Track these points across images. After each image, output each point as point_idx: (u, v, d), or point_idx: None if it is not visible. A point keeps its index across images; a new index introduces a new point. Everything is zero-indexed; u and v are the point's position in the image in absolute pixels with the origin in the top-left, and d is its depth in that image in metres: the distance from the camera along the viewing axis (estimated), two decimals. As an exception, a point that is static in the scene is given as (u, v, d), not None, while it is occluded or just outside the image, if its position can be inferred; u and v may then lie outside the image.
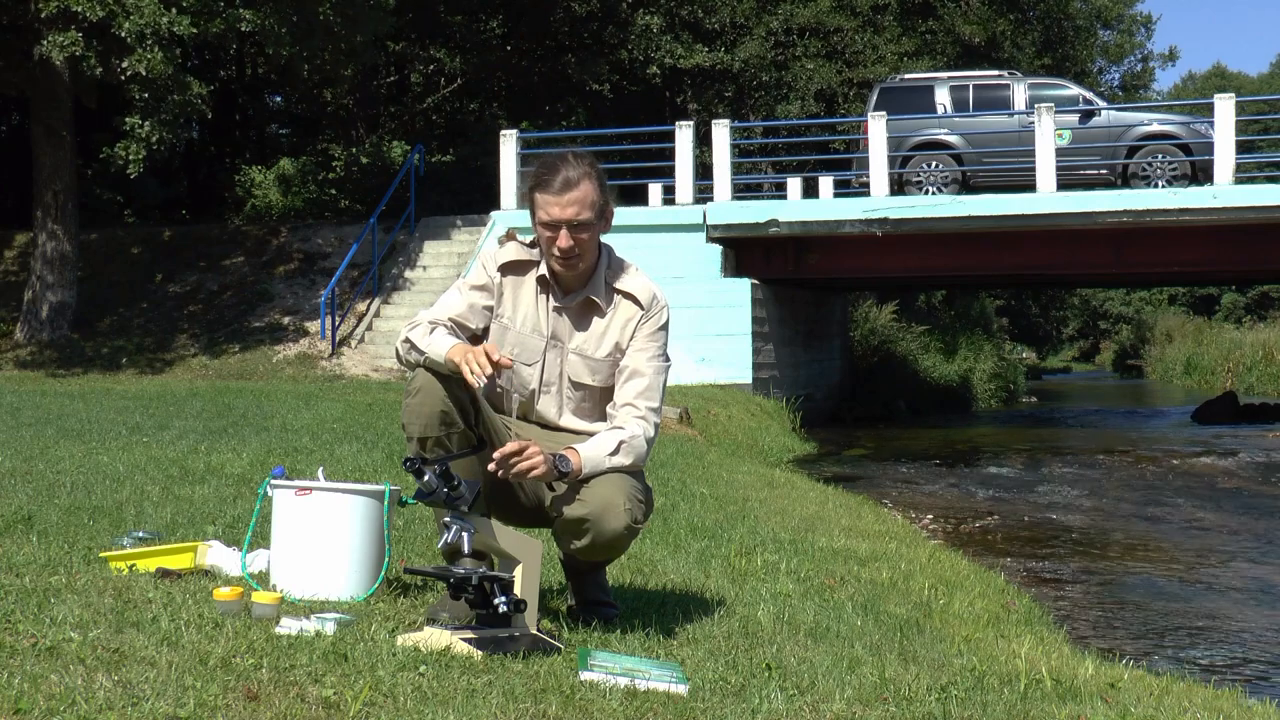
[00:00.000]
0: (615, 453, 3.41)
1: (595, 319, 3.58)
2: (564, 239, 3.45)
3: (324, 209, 24.86)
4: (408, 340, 3.50)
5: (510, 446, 3.26)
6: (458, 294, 3.60)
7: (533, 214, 3.51)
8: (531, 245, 3.61)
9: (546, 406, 3.61)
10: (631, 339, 3.56)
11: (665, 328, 3.61)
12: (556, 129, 26.66)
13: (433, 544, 4.55)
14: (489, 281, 3.59)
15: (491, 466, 3.28)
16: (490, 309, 3.59)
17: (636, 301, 3.57)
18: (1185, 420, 22.07)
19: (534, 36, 27.68)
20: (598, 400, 3.59)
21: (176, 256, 21.94)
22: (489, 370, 3.31)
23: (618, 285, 3.59)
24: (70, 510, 4.99)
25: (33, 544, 4.14)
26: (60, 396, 13.75)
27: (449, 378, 3.39)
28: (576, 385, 3.59)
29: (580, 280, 3.57)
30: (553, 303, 3.58)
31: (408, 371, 3.54)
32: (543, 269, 3.58)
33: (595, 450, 3.40)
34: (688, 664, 3.26)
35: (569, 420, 3.61)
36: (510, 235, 3.65)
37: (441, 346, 3.41)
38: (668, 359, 3.63)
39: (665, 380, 3.61)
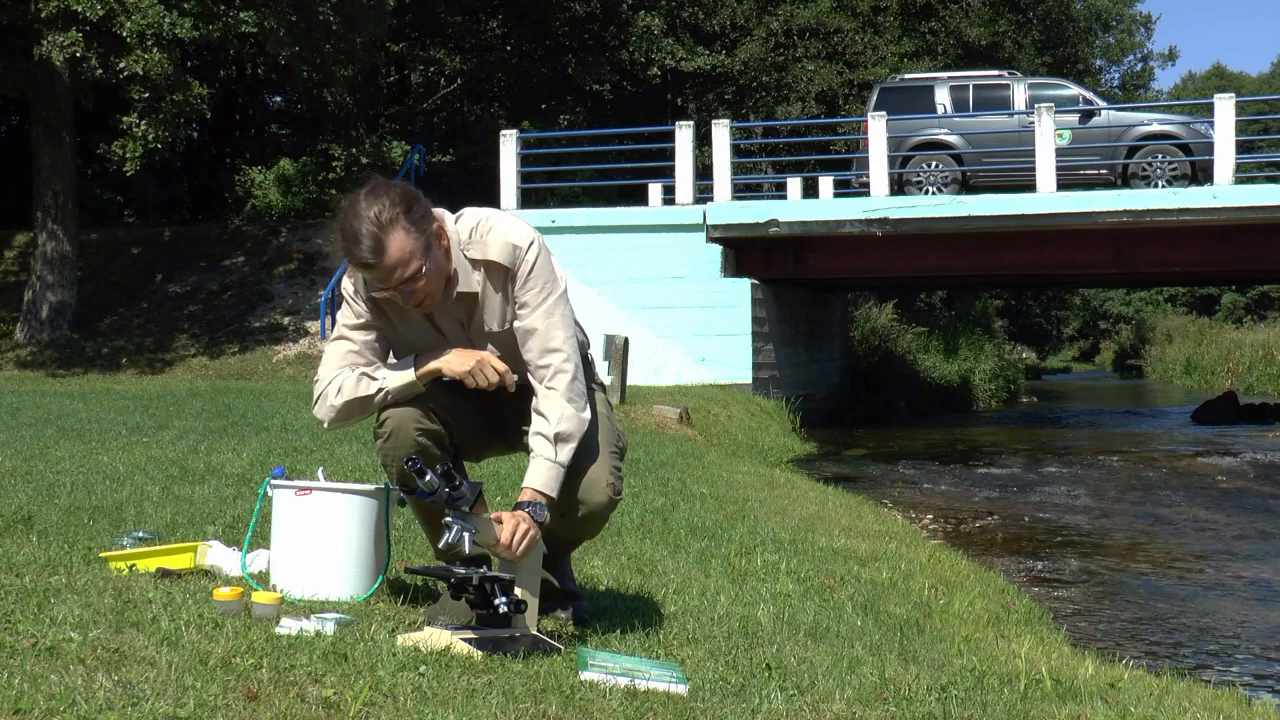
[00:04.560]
0: (558, 453, 3.31)
1: (476, 302, 3.42)
2: (407, 297, 3.28)
3: (324, 209, 24.85)
4: (348, 404, 3.37)
5: (505, 535, 3.20)
6: (344, 340, 3.43)
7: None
8: None
9: (482, 387, 3.47)
10: (514, 297, 3.40)
11: (539, 263, 3.38)
12: (556, 129, 26.66)
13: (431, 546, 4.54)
14: (366, 319, 3.42)
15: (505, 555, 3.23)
16: (379, 342, 3.44)
17: (499, 267, 3.38)
18: (1185, 420, 22.07)
19: (534, 36, 27.68)
20: (521, 363, 3.44)
21: (176, 256, 21.94)
22: (495, 381, 3.31)
23: (474, 256, 3.38)
24: (70, 510, 4.99)
25: (33, 544, 4.14)
26: (60, 396, 13.75)
27: (418, 416, 3.34)
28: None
29: (440, 293, 3.39)
30: (434, 311, 3.42)
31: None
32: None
33: (544, 469, 3.30)
34: (688, 664, 3.26)
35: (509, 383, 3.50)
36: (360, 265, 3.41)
37: (403, 374, 3.34)
38: (556, 285, 3.41)
39: (564, 308, 3.41)
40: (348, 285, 3.46)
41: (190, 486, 5.98)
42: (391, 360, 3.45)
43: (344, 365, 3.41)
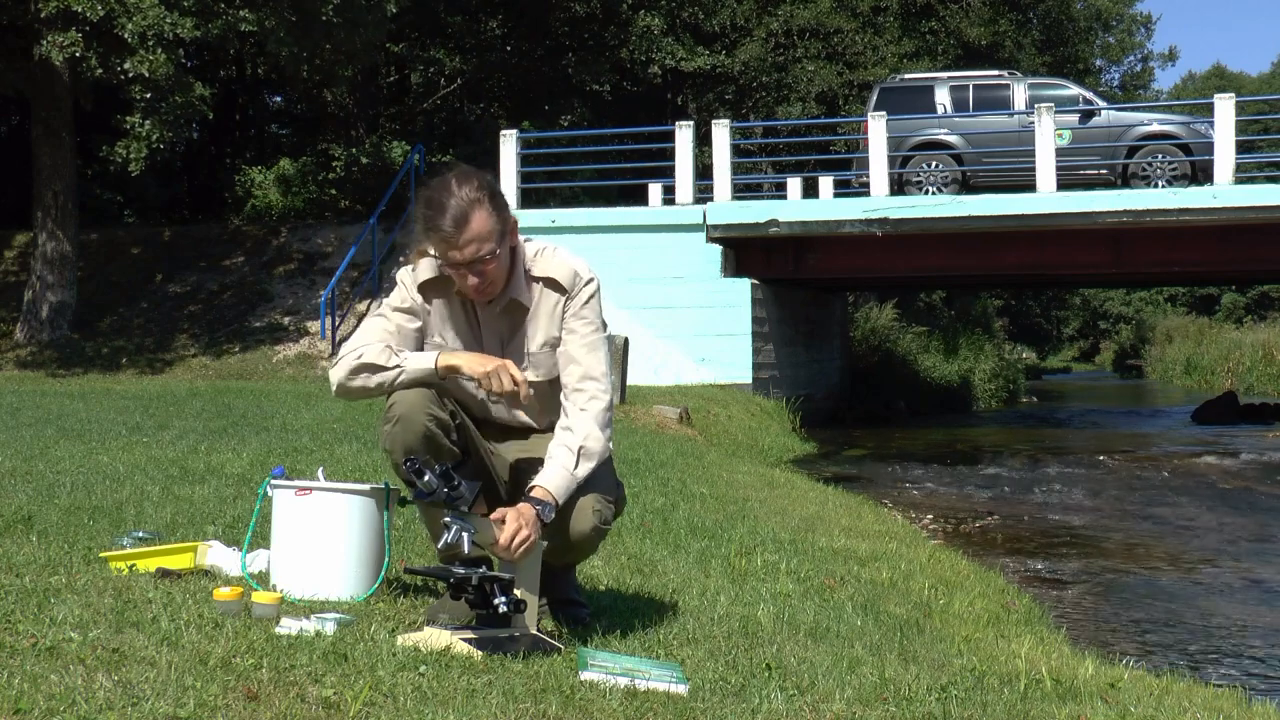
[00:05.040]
0: (577, 465, 3.35)
1: (524, 315, 3.49)
2: (470, 279, 3.35)
3: (324, 209, 24.87)
4: (363, 366, 3.40)
5: (504, 537, 3.20)
6: (383, 319, 3.49)
7: (434, 248, 3.40)
8: None
9: (500, 414, 3.57)
10: (563, 324, 3.48)
11: (593, 300, 3.49)
12: (556, 129, 26.67)
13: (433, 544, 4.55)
14: (413, 304, 3.49)
15: (503, 555, 3.24)
16: (418, 332, 3.49)
17: (558, 285, 3.46)
18: (1185, 420, 22.07)
19: (534, 36, 27.68)
20: (547, 393, 3.51)
21: (176, 256, 21.94)
22: (511, 389, 3.31)
23: (536, 273, 3.47)
24: (70, 510, 4.99)
25: (33, 544, 4.14)
26: (60, 396, 13.75)
27: (429, 401, 3.35)
28: None
29: (497, 291, 3.46)
30: (480, 314, 3.49)
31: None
32: None
33: (560, 475, 3.33)
34: (688, 664, 3.26)
35: (526, 420, 3.57)
36: (421, 252, 3.49)
37: (424, 361, 3.38)
38: (602, 329, 3.51)
39: (605, 350, 3.51)
40: (405, 272, 3.52)
41: (190, 486, 5.98)
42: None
43: (375, 339, 3.45)
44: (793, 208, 18.93)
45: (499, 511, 3.25)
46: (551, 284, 3.46)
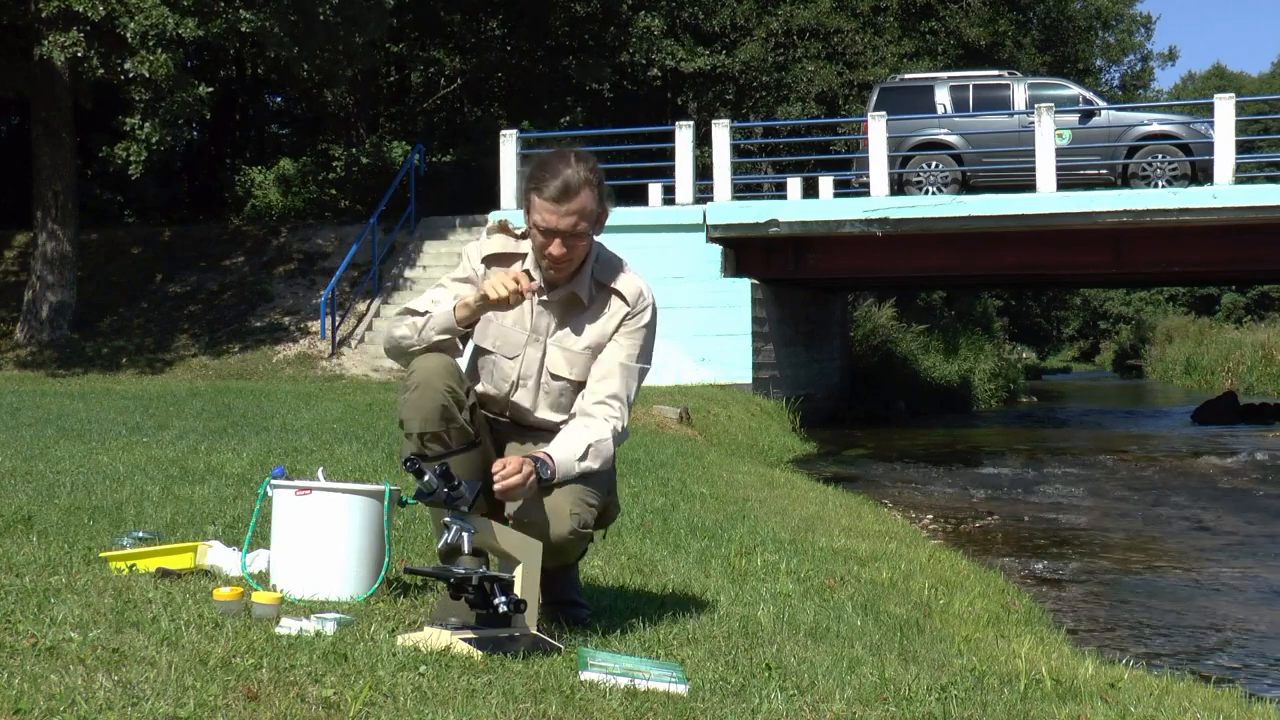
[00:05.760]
0: (584, 457, 3.37)
1: (578, 312, 3.54)
2: (557, 247, 3.41)
3: (324, 209, 24.87)
4: (406, 310, 3.50)
5: (499, 464, 3.23)
6: (442, 288, 3.58)
7: (527, 212, 3.46)
8: (521, 236, 3.58)
9: (522, 399, 3.57)
10: (613, 335, 3.53)
11: (649, 327, 3.56)
12: (556, 129, 26.67)
13: (433, 544, 4.55)
14: (473, 274, 3.56)
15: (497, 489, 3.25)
16: None
17: (622, 298, 3.54)
18: (1185, 420, 22.07)
19: (534, 36, 27.69)
20: (574, 395, 3.55)
21: (176, 256, 21.95)
22: (512, 288, 3.34)
23: (605, 281, 3.54)
24: (70, 510, 4.99)
25: (33, 544, 4.14)
26: (60, 396, 13.75)
27: (448, 372, 3.37)
28: (554, 377, 3.55)
29: (566, 275, 3.53)
30: (537, 296, 3.54)
31: (400, 356, 3.53)
32: (528, 263, 3.54)
33: (567, 454, 3.35)
34: (688, 664, 3.26)
35: (544, 415, 3.57)
36: (501, 226, 3.61)
37: (448, 305, 3.44)
38: (647, 360, 3.58)
39: (640, 380, 3.57)
40: (472, 246, 3.62)
41: (190, 486, 5.98)
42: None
43: (425, 297, 3.56)
44: (793, 208, 18.93)
45: (501, 460, 3.26)
46: (616, 294, 3.54)
